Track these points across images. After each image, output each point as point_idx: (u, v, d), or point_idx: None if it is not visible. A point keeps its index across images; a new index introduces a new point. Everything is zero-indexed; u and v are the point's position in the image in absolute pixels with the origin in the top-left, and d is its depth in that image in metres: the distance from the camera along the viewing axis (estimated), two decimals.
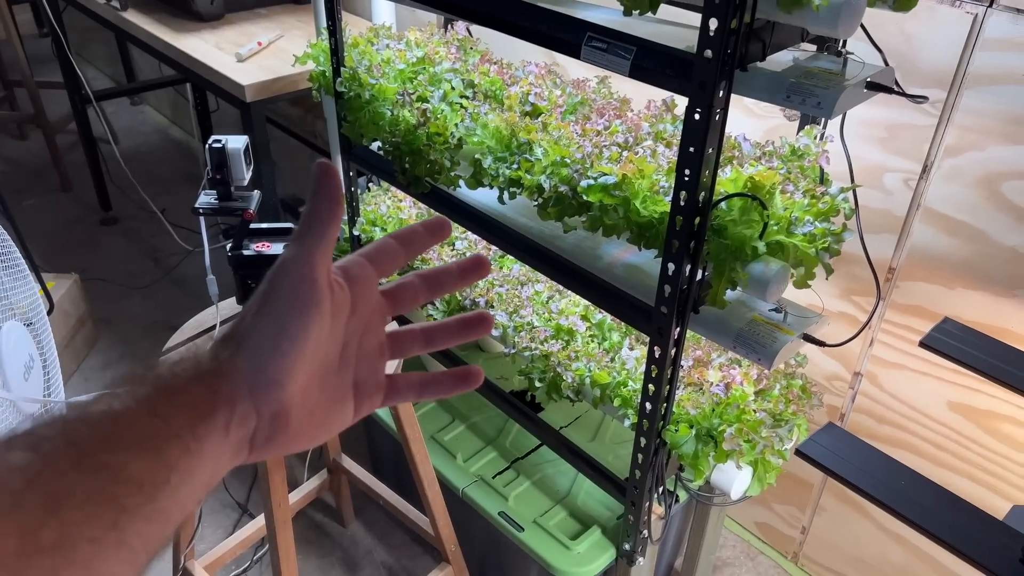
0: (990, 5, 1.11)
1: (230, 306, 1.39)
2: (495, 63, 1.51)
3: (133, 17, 2.12)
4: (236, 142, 1.16)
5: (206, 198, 1.19)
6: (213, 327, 1.33)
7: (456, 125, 1.35)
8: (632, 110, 1.34)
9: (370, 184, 1.86)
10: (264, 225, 1.27)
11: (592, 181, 1.11)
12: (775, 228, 1.01)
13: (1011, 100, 1.14)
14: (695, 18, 0.88)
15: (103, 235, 3.13)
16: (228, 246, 1.25)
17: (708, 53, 0.89)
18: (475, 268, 0.50)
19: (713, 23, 0.87)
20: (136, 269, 2.91)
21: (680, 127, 1.25)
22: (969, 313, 1.29)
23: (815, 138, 1.14)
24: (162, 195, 3.20)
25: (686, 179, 0.97)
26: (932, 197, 1.28)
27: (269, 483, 1.22)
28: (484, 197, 1.42)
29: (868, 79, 0.94)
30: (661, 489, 1.31)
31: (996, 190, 1.20)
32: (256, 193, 1.21)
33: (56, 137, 3.34)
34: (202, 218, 1.21)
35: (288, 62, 1.80)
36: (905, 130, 1.27)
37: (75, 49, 3.89)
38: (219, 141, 1.14)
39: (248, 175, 1.19)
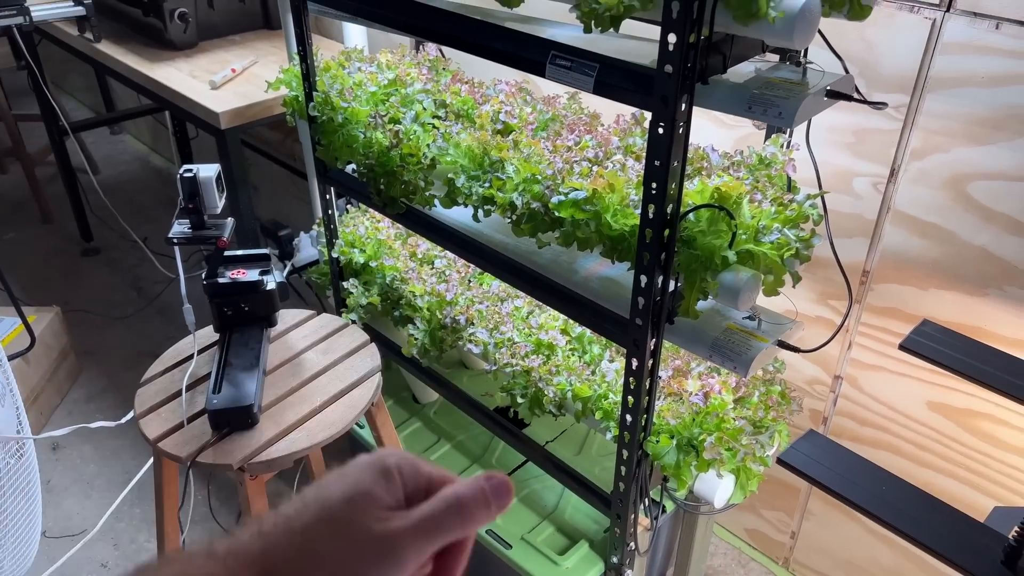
0: (947, 9, 1.13)
1: (208, 334, 1.39)
2: (466, 82, 1.52)
3: (107, 48, 2.13)
4: (208, 171, 1.16)
5: (180, 227, 1.19)
6: (191, 356, 1.33)
7: (428, 145, 1.35)
8: (602, 125, 1.35)
9: (348, 206, 1.87)
10: (239, 252, 1.28)
11: (563, 197, 1.12)
12: (743, 237, 1.02)
13: (973, 102, 1.15)
14: (658, 32, 0.89)
15: (85, 266, 3.12)
16: (203, 274, 1.25)
17: (668, 68, 0.90)
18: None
19: (672, 38, 0.88)
20: (119, 299, 2.90)
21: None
22: (943, 313, 1.30)
23: (781, 146, 1.15)
24: (144, 224, 3.19)
25: (653, 192, 0.98)
26: (901, 200, 1.29)
27: (251, 512, 1.21)
28: (459, 215, 1.42)
29: (828, 87, 0.95)
30: (646, 501, 1.31)
31: (963, 191, 1.21)
32: (230, 221, 1.22)
33: (36, 169, 3.33)
34: (177, 247, 1.21)
35: (262, 88, 1.81)
36: (872, 135, 1.28)
37: (53, 80, 3.88)
38: (190, 170, 1.14)
39: (221, 203, 1.19)
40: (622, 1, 0.90)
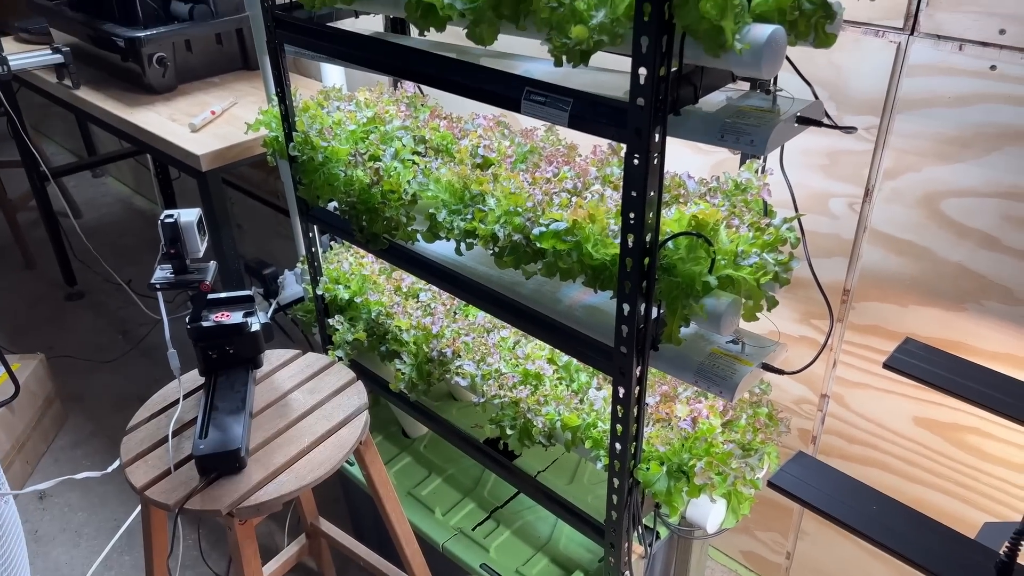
0: (911, 33, 1.16)
1: (193, 378, 1.38)
2: (444, 118, 1.54)
3: (86, 95, 2.14)
4: (189, 215, 1.16)
5: (162, 272, 1.19)
6: (176, 401, 1.32)
7: (409, 181, 1.36)
8: (580, 155, 1.37)
9: (332, 242, 1.87)
10: (222, 295, 1.27)
11: (544, 228, 1.13)
12: (723, 263, 1.03)
13: (941, 122, 1.18)
14: (630, 63, 0.90)
15: (69, 311, 3.10)
16: (187, 318, 1.25)
17: (640, 101, 0.92)
18: None
19: (643, 72, 0.90)
20: (104, 343, 2.88)
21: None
22: (924, 329, 1.32)
23: (756, 172, 1.17)
24: (127, 266, 3.18)
25: (632, 222, 0.99)
26: (877, 219, 1.31)
27: (241, 557, 1.20)
28: (442, 249, 1.43)
29: (798, 114, 0.97)
30: (639, 528, 1.31)
31: (936, 208, 1.23)
32: (212, 264, 1.22)
33: (17, 215, 3.32)
34: (160, 293, 1.21)
35: (242, 129, 1.82)
36: (845, 156, 1.30)
37: (34, 125, 3.88)
38: (171, 216, 1.14)
39: (203, 246, 1.19)
40: (592, 36, 0.91)
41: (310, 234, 1.68)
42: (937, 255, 1.26)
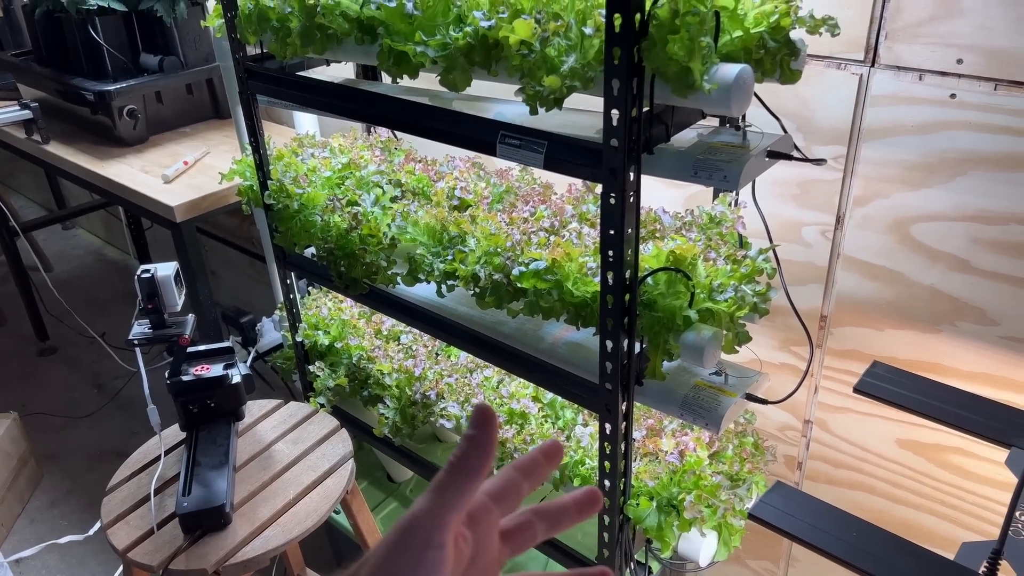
0: (872, 65, 1.19)
1: (174, 433, 1.36)
2: (420, 161, 1.55)
3: (56, 149, 2.12)
4: (166, 269, 1.15)
5: (140, 328, 1.18)
6: (158, 458, 1.30)
7: (388, 225, 1.37)
8: (555, 193, 1.38)
9: (310, 287, 1.87)
10: (201, 347, 1.26)
11: (524, 268, 1.14)
12: (702, 296, 1.05)
13: (907, 149, 1.21)
14: (601, 102, 0.92)
15: (42, 366, 3.05)
16: (167, 373, 1.23)
17: (614, 142, 0.93)
18: (591, 503, 0.47)
19: (615, 114, 0.91)
20: (79, 398, 2.83)
21: None
22: (901, 352, 1.33)
23: (729, 205, 1.19)
24: (101, 318, 3.14)
25: (610, 260, 1.00)
26: (849, 245, 1.33)
27: None
28: (423, 292, 1.43)
29: (769, 148, 0.99)
30: (632, 565, 1.30)
31: (907, 233, 1.26)
32: (190, 318, 1.21)
33: None
34: (138, 348, 1.19)
35: (216, 179, 1.82)
36: (815, 185, 1.33)
37: (1, 179, 3.85)
38: (148, 271, 1.14)
39: (181, 300, 1.19)
40: (564, 84, 0.93)
41: (287, 281, 1.68)
42: (910, 279, 1.28)
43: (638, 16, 0.86)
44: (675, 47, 0.85)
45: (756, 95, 0.98)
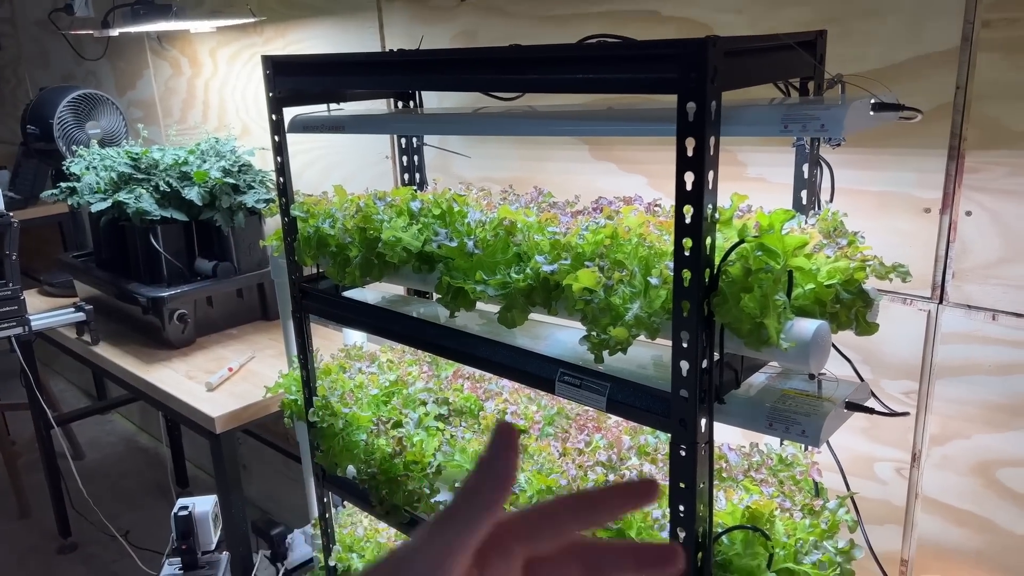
0: (940, 302, 1.16)
1: None
2: (467, 378, 1.51)
3: (104, 350, 2.14)
4: (204, 504, 1.10)
5: (170, 569, 1.10)
6: None
7: (434, 453, 1.31)
8: (610, 417, 1.33)
9: (345, 503, 1.78)
10: None
11: None
12: (781, 554, 0.96)
13: (986, 389, 1.14)
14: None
15: (60, 565, 2.93)
16: None
17: (684, 392, 0.89)
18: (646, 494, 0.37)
19: (684, 365, 0.87)
20: None
21: (661, 436, 1.23)
22: None
23: (801, 448, 1.12)
24: (126, 512, 3.05)
25: (681, 515, 0.93)
26: (929, 486, 1.24)
27: None
28: None
29: (847, 400, 0.94)
30: None
31: (992, 478, 1.17)
32: (225, 556, 1.14)
33: (19, 462, 3.23)
34: None
35: (259, 386, 1.80)
36: (887, 420, 1.26)
37: (46, 362, 3.90)
38: (186, 508, 1.08)
39: (216, 536, 1.12)
40: (631, 334, 0.90)
41: (324, 499, 1.60)
42: (1001, 527, 1.18)
43: (708, 271, 0.84)
44: (749, 303, 0.82)
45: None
